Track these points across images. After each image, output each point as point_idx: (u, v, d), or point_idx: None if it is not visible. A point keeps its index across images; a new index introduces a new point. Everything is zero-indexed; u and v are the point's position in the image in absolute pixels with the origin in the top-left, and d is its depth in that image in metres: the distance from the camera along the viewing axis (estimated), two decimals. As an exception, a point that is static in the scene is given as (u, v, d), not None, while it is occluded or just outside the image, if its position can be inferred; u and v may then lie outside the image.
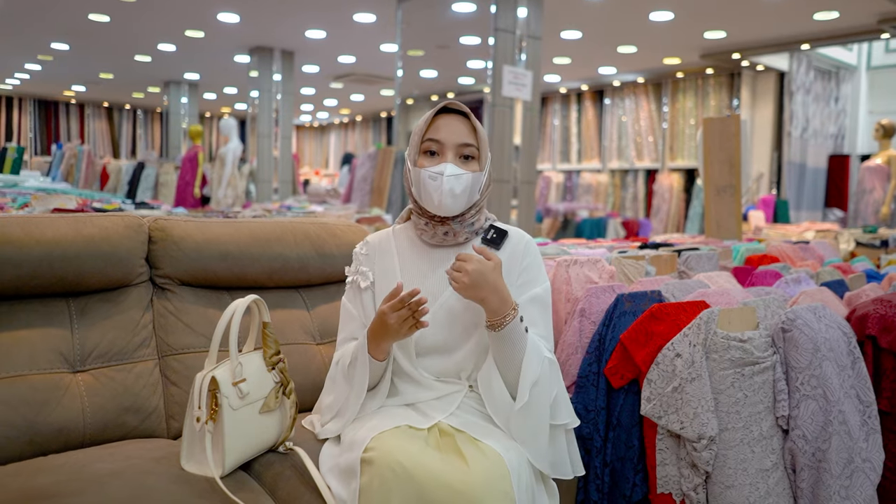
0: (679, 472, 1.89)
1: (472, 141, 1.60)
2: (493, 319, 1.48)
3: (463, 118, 1.62)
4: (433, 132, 1.60)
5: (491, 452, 1.41)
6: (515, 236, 1.68)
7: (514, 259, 1.64)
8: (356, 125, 17.14)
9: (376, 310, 1.53)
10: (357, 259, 1.73)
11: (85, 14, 7.90)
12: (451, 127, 1.60)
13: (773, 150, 9.56)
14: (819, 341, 1.91)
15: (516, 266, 1.64)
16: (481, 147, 1.62)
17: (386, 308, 1.47)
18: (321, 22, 7.93)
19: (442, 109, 1.62)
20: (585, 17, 7.37)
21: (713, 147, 3.93)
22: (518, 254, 1.65)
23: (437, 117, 1.62)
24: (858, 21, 7.30)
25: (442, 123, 1.61)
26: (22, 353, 1.59)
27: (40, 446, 1.54)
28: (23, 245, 1.60)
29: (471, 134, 1.61)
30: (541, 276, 1.66)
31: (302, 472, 1.52)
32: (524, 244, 1.67)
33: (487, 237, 1.63)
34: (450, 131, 1.59)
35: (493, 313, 1.48)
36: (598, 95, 11.55)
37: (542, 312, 1.63)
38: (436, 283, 1.63)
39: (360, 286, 1.69)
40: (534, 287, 1.63)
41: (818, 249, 3.46)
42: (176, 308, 1.87)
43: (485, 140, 1.63)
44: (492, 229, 1.64)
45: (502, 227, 1.66)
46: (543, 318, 1.63)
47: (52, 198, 3.84)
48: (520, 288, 1.62)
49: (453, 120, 1.61)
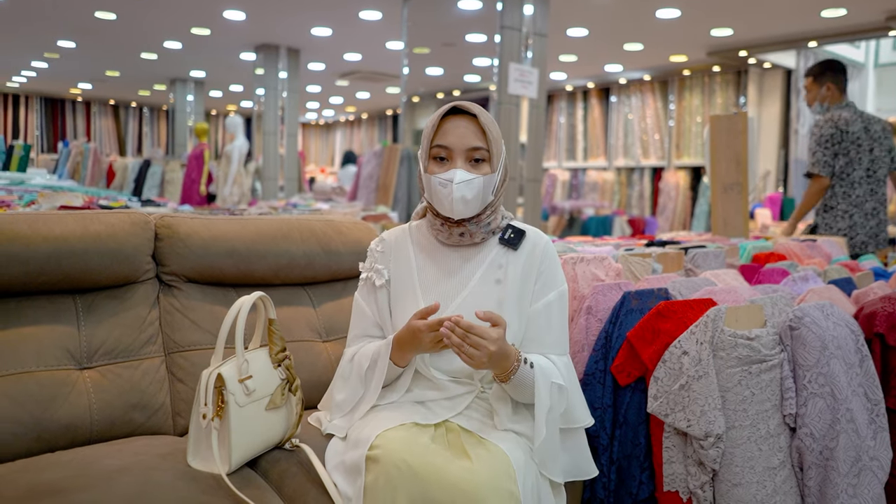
0: (686, 470, 1.88)
1: (481, 143, 1.57)
2: (501, 375, 1.48)
3: (471, 119, 1.58)
4: (441, 137, 1.57)
5: (496, 451, 1.41)
6: (533, 237, 1.66)
7: (532, 262, 1.63)
8: (362, 123, 17.15)
9: (391, 307, 1.53)
10: (372, 256, 1.71)
11: (91, 12, 7.92)
12: (459, 131, 1.56)
13: (780, 147, 9.53)
14: (827, 339, 1.90)
15: (534, 269, 1.62)
16: (492, 148, 1.58)
17: (422, 326, 1.45)
18: (327, 19, 7.93)
19: (449, 111, 1.59)
20: (592, 15, 7.35)
21: (720, 144, 3.92)
22: (536, 256, 1.63)
23: (445, 119, 1.58)
24: (866, 18, 7.26)
25: (450, 127, 1.57)
26: (29, 349, 1.59)
27: (48, 443, 1.55)
28: (30, 242, 1.61)
29: (479, 136, 1.57)
30: (558, 279, 1.65)
31: (308, 469, 1.52)
32: (542, 246, 1.65)
33: (505, 237, 1.63)
34: (457, 136, 1.56)
35: (501, 370, 1.47)
36: (604, 93, 11.52)
37: (557, 317, 1.62)
38: (453, 284, 1.62)
39: (375, 284, 1.67)
40: (550, 291, 1.62)
41: (825, 247, 3.44)
42: (182, 305, 1.87)
43: (496, 139, 1.59)
44: (510, 229, 1.64)
45: (520, 227, 1.65)
46: (559, 321, 1.63)
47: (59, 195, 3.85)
48: (537, 293, 1.62)
49: (461, 122, 1.57)
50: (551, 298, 1.62)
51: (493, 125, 1.60)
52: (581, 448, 1.63)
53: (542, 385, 1.49)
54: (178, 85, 12.65)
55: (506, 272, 1.61)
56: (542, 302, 1.61)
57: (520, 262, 1.62)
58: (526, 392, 1.49)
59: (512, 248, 1.62)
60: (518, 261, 1.62)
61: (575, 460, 1.60)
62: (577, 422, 1.59)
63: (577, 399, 1.60)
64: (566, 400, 1.55)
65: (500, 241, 1.62)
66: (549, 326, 1.60)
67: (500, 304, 1.59)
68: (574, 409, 1.59)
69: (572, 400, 1.58)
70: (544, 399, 1.48)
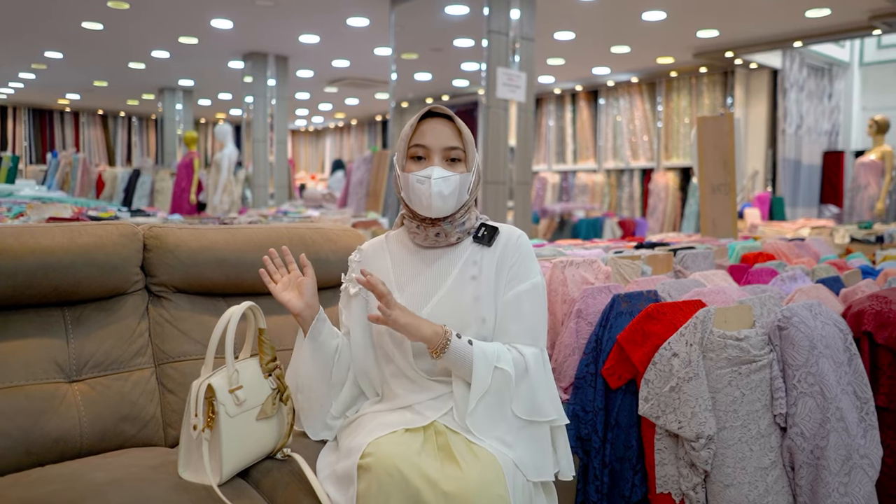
0: (678, 472, 1.89)
1: (457, 143, 1.62)
2: (432, 349, 1.51)
3: (447, 121, 1.64)
4: (419, 137, 1.62)
5: (485, 455, 1.42)
6: (506, 232, 1.69)
7: (505, 255, 1.65)
8: (351, 129, 17.14)
9: (368, 316, 1.54)
10: (351, 266, 1.76)
11: (78, 22, 7.89)
12: (437, 131, 1.62)
13: (768, 147, 9.58)
14: (815, 338, 1.91)
15: (507, 262, 1.64)
16: (467, 149, 1.64)
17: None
18: (315, 27, 7.93)
19: (426, 114, 1.64)
20: (578, 18, 7.38)
21: (707, 146, 3.94)
22: (509, 250, 1.65)
23: (422, 122, 1.64)
24: (850, 18, 7.32)
25: (427, 128, 1.63)
26: (18, 363, 1.59)
27: (37, 457, 1.54)
28: (17, 255, 1.60)
29: (456, 137, 1.63)
30: (531, 271, 1.65)
31: (300, 479, 1.52)
32: (515, 239, 1.67)
33: (478, 235, 1.66)
34: (435, 135, 1.62)
35: (431, 343, 1.51)
36: (592, 96, 11.56)
37: (528, 307, 1.62)
38: (429, 284, 1.64)
39: (350, 293, 1.71)
40: (522, 282, 1.63)
41: (814, 246, 3.47)
42: (172, 316, 1.87)
43: (470, 141, 1.65)
44: (482, 227, 1.67)
45: (493, 225, 1.68)
46: (531, 312, 1.62)
47: (48, 207, 3.84)
48: (509, 283, 1.63)
49: (438, 124, 1.63)
50: (522, 289, 1.62)
51: (467, 129, 1.66)
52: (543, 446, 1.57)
53: (482, 364, 1.51)
54: (167, 94, 12.61)
55: (480, 268, 1.63)
56: (513, 292, 1.62)
57: (494, 257, 1.64)
58: (466, 369, 1.52)
59: (486, 245, 1.65)
60: (492, 256, 1.64)
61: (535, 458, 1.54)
62: (543, 415, 1.56)
63: (542, 391, 1.57)
64: (511, 388, 1.53)
65: (473, 239, 1.67)
66: (519, 316, 1.60)
67: (477, 299, 1.60)
68: (538, 401, 1.56)
69: (537, 391, 1.55)
70: (482, 376, 1.50)
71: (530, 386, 1.55)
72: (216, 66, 10.38)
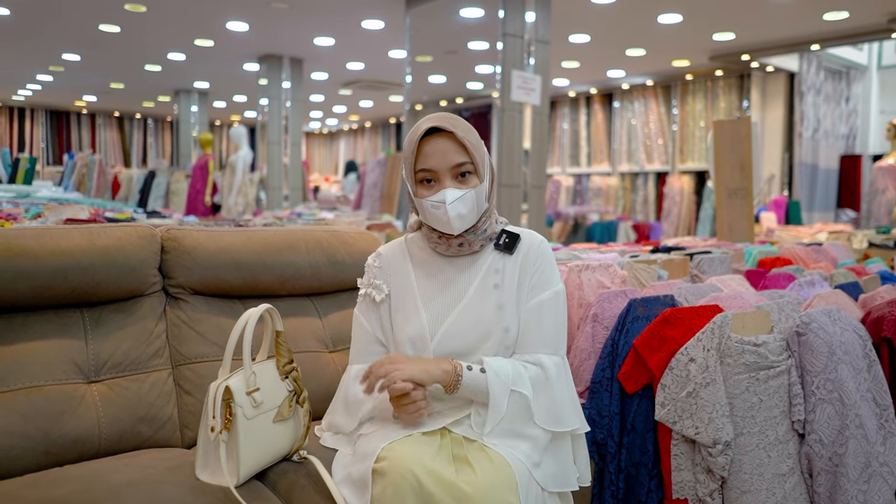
0: (695, 478, 1.87)
1: (464, 158, 1.55)
2: (447, 387, 1.50)
3: (448, 135, 1.54)
4: (423, 161, 1.55)
5: (499, 460, 1.41)
6: (528, 239, 1.66)
7: (527, 263, 1.63)
8: (365, 131, 17.18)
9: (392, 322, 1.53)
10: (370, 272, 1.71)
11: (95, 25, 7.96)
12: (440, 151, 1.54)
13: (785, 151, 9.51)
14: (834, 344, 1.89)
15: (529, 270, 1.63)
16: (475, 158, 1.56)
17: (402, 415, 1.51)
18: (330, 29, 7.96)
19: (426, 132, 1.56)
20: (593, 21, 7.36)
21: (724, 150, 3.92)
22: (531, 257, 1.64)
23: (423, 142, 1.55)
24: (868, 21, 7.26)
25: (430, 149, 1.55)
26: (37, 363, 1.60)
27: (56, 457, 1.55)
28: (37, 256, 1.61)
29: (460, 151, 1.55)
30: (552, 279, 1.64)
31: (317, 481, 1.52)
32: (536, 246, 1.65)
33: (500, 242, 1.64)
34: (440, 156, 1.54)
35: (444, 382, 1.50)
36: (607, 98, 11.53)
37: (550, 316, 1.61)
38: (454, 292, 1.62)
39: (375, 300, 1.67)
40: (543, 291, 1.62)
41: (831, 251, 3.44)
42: (189, 317, 1.88)
43: (476, 147, 1.58)
44: (503, 234, 1.65)
45: (514, 231, 1.66)
46: (553, 321, 1.61)
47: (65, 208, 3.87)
48: (531, 291, 1.62)
49: (440, 141, 1.54)
50: (544, 297, 1.61)
51: (470, 132, 1.58)
52: (566, 457, 1.58)
53: (498, 391, 1.49)
54: (183, 96, 12.70)
55: (503, 276, 1.62)
56: (535, 301, 1.61)
57: (516, 264, 1.62)
58: (482, 398, 1.51)
59: (508, 253, 1.63)
60: (514, 264, 1.63)
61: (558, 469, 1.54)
62: (565, 425, 1.54)
63: (564, 401, 1.56)
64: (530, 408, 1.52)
65: (495, 246, 1.64)
66: (540, 325, 1.59)
67: (500, 308, 1.59)
68: (560, 411, 1.55)
69: (558, 401, 1.54)
70: (498, 402, 1.49)
71: (552, 397, 1.55)
72: (231, 69, 10.44)
